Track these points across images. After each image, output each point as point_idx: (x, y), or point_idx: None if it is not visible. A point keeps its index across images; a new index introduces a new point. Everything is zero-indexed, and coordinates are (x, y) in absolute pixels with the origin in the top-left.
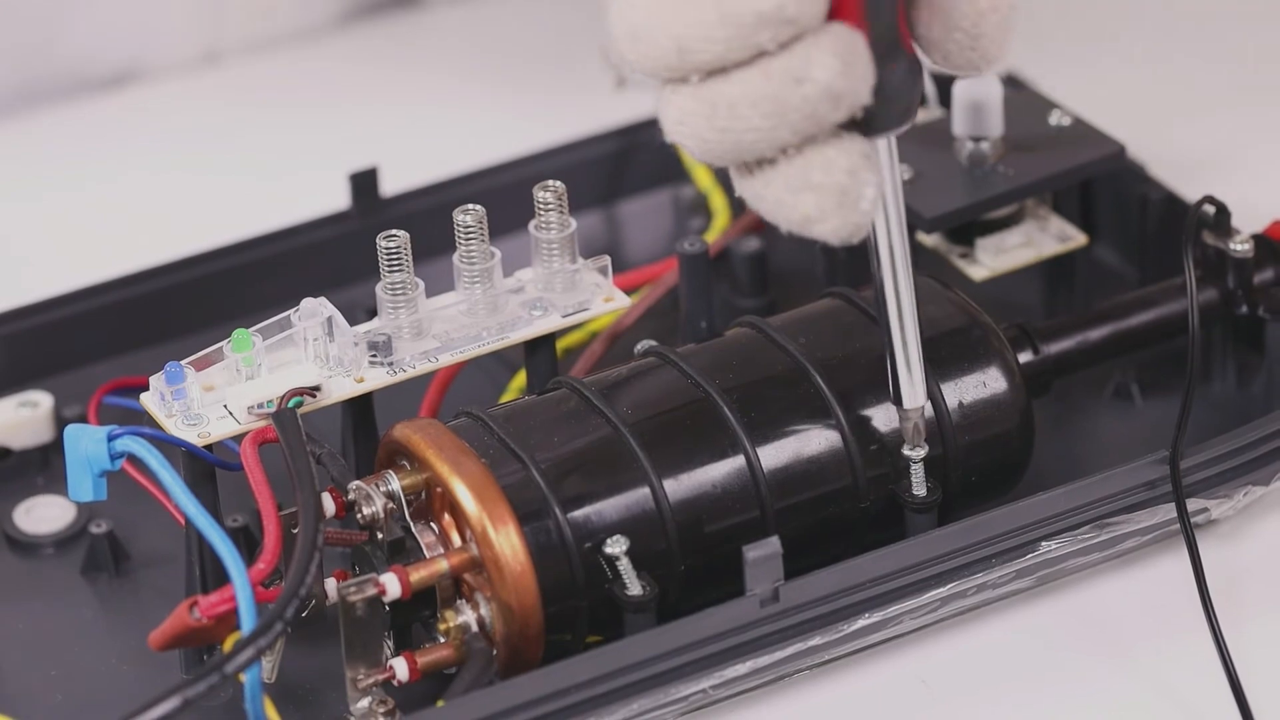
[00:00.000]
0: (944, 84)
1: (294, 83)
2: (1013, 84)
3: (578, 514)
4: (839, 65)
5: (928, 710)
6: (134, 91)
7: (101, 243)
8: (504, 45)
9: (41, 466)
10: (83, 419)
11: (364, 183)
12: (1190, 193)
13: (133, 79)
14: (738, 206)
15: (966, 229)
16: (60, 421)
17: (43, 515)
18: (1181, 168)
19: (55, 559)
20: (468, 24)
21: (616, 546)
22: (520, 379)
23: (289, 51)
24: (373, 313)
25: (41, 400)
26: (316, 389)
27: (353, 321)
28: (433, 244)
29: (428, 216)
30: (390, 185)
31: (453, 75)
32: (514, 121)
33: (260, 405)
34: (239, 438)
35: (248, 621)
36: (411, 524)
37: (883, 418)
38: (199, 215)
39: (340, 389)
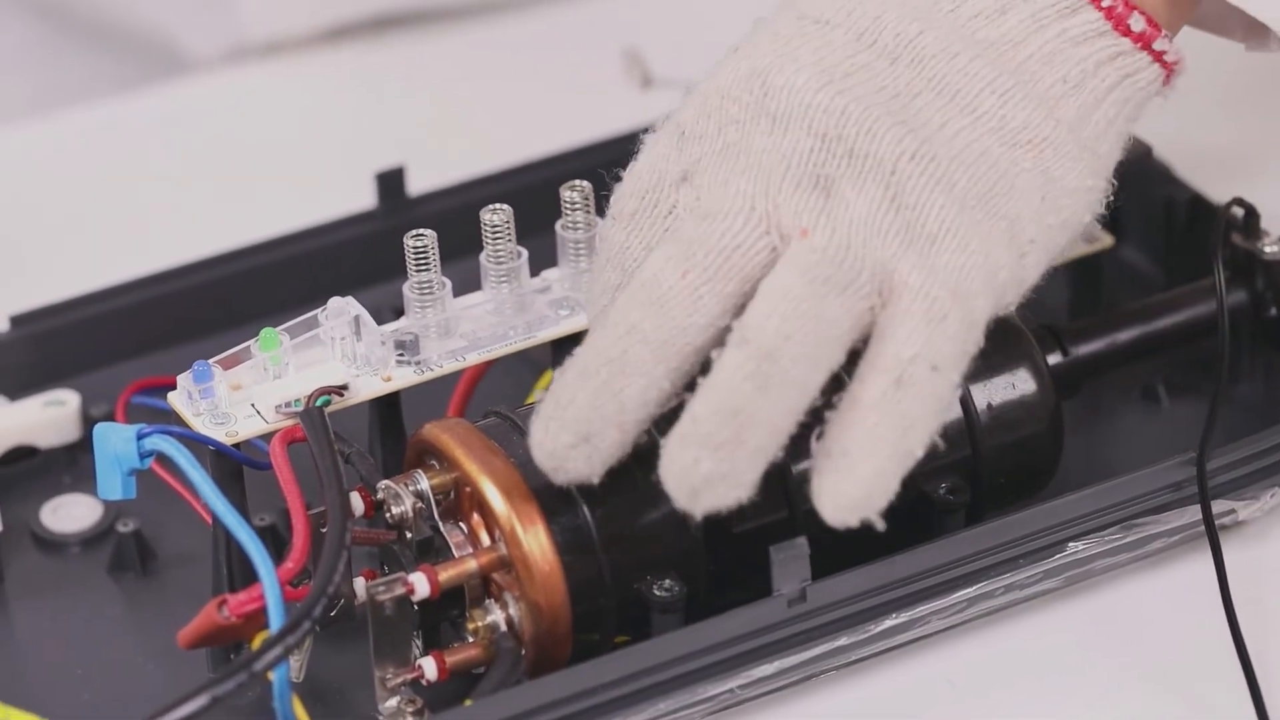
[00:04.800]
0: None
1: (321, 81)
2: None
3: (606, 514)
4: None
5: (953, 711)
6: (159, 90)
7: (127, 241)
8: (530, 45)
9: (68, 465)
10: (109, 417)
11: (391, 182)
12: (1216, 194)
13: (158, 77)
14: None
15: None
16: (87, 420)
17: (70, 514)
18: (1208, 169)
19: (82, 558)
20: (494, 24)
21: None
22: (547, 379)
23: (316, 50)
24: (399, 312)
25: (68, 399)
26: (344, 388)
27: (379, 321)
28: (458, 243)
29: (454, 216)
30: (417, 184)
31: (479, 75)
32: (539, 122)
33: (288, 404)
34: (265, 437)
35: (276, 620)
36: (440, 523)
37: None
38: (224, 214)
39: (368, 388)
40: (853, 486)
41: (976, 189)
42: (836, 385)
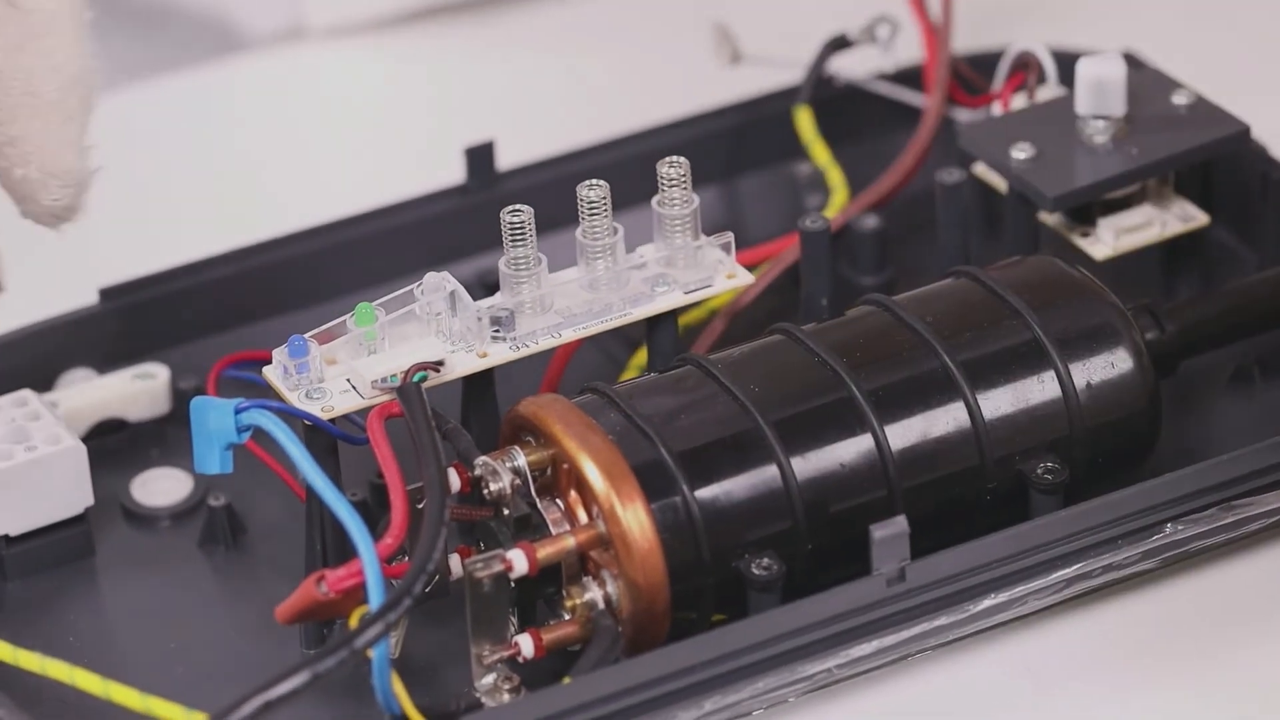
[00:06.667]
0: (1067, 63)
1: (411, 55)
2: (1132, 64)
3: (705, 492)
4: None
5: (1053, 689)
6: (254, 61)
7: (216, 216)
8: (620, 18)
9: (157, 438)
10: (199, 390)
11: (480, 157)
12: None
13: (251, 49)
14: (856, 183)
15: (1087, 208)
16: (176, 393)
17: (160, 488)
18: None
19: (172, 531)
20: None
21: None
22: (640, 356)
23: (406, 24)
24: (486, 287)
25: (158, 372)
26: (440, 364)
27: None
28: (546, 218)
29: (542, 191)
30: (506, 159)
31: (569, 49)
32: (627, 97)
33: (384, 379)
34: (359, 412)
35: (376, 596)
36: (537, 500)
37: (1010, 398)
38: (313, 188)
39: (463, 364)
40: None
41: None
42: None
